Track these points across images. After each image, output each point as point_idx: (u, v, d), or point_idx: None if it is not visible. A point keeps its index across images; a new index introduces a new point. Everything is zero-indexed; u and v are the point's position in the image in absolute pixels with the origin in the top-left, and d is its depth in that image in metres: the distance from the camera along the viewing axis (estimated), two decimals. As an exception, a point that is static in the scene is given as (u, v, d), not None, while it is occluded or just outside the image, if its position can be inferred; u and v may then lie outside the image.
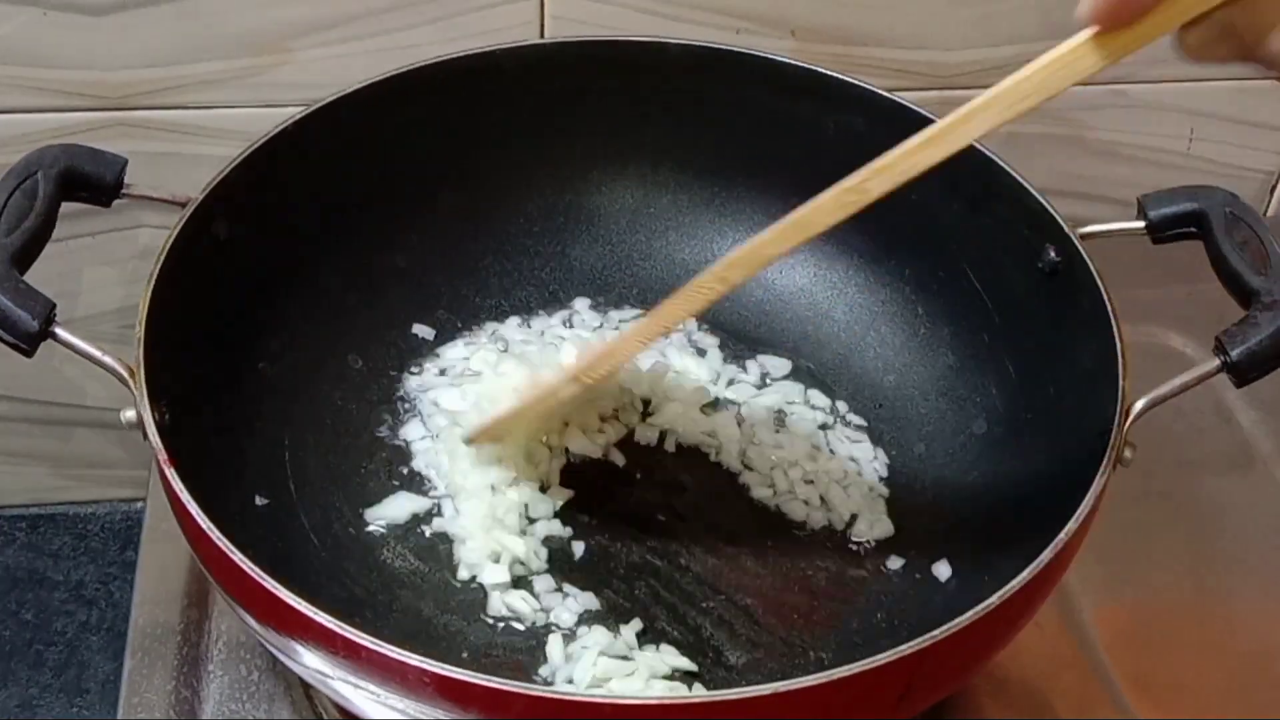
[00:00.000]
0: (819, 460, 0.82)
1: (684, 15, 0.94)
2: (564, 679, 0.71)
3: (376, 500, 0.79)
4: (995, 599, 0.60)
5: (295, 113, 0.80)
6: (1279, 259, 0.70)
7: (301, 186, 0.81)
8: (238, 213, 0.76)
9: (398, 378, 0.85)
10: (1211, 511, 0.89)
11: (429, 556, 0.77)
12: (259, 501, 0.76)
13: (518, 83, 0.86)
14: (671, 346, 0.88)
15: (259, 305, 0.80)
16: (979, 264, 0.82)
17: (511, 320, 0.89)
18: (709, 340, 0.89)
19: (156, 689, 0.76)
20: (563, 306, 0.90)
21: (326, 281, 0.84)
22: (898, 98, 0.82)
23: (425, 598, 0.75)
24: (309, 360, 0.83)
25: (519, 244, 0.91)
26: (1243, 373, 0.68)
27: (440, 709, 0.58)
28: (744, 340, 0.89)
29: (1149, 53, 0.53)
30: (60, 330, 0.66)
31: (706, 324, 0.90)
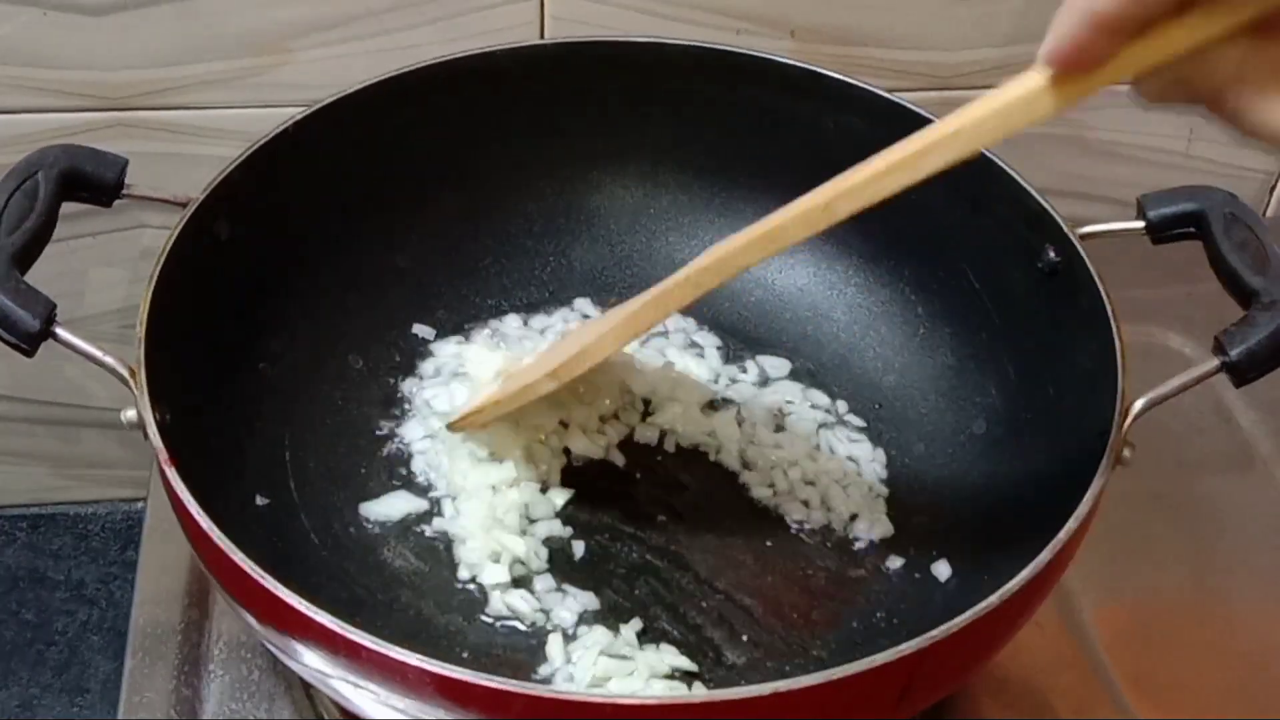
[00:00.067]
0: (819, 460, 0.82)
1: (684, 15, 0.94)
2: (564, 678, 0.71)
3: (376, 500, 0.79)
4: (995, 599, 0.60)
5: (295, 113, 0.80)
6: (1278, 259, 0.70)
7: (302, 187, 0.81)
8: (238, 213, 0.76)
9: (398, 378, 0.85)
10: (1211, 511, 0.89)
11: (429, 556, 0.77)
12: (259, 501, 0.76)
13: (518, 83, 0.86)
14: (671, 346, 0.88)
15: (259, 305, 0.80)
16: (979, 264, 0.82)
17: (511, 320, 0.89)
18: (709, 340, 0.89)
19: (157, 689, 0.76)
20: (563, 306, 0.90)
21: (326, 281, 0.84)
22: (897, 98, 0.82)
23: (425, 597, 0.75)
24: (309, 360, 0.83)
25: (519, 244, 0.91)
26: (1242, 373, 0.68)
27: (440, 709, 0.58)
28: (744, 340, 0.89)
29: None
30: (61, 330, 0.66)
31: (706, 324, 0.90)
